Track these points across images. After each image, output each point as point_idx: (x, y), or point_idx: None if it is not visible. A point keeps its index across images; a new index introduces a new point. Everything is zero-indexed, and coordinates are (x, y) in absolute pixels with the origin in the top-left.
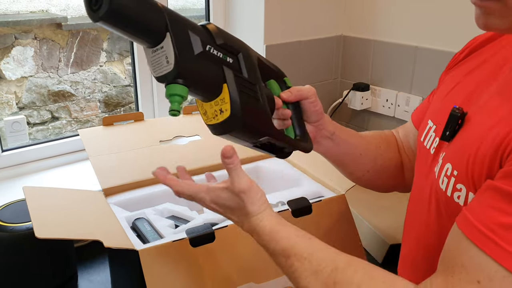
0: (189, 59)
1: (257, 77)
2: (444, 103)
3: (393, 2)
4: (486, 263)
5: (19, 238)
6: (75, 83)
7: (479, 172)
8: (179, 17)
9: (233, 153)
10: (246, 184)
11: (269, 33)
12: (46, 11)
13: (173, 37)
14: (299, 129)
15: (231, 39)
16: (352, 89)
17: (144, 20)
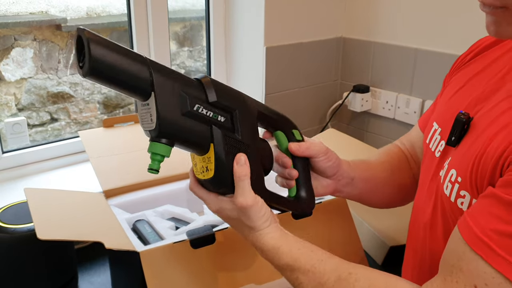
0: (173, 119)
1: (252, 136)
2: (449, 106)
3: (393, 4)
4: (483, 268)
5: (20, 239)
6: (74, 85)
7: (482, 180)
8: (167, 75)
9: (245, 163)
10: (250, 201)
11: (269, 35)
12: (45, 12)
13: (157, 97)
14: (304, 189)
15: (227, 96)
16: (352, 91)
17: (128, 79)
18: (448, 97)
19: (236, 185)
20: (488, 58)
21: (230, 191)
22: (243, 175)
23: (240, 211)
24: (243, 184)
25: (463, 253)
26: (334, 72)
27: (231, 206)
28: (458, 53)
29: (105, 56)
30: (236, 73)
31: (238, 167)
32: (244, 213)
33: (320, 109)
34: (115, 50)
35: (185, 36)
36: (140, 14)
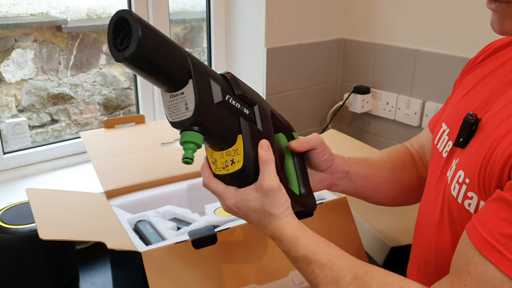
0: (208, 108)
1: (270, 130)
2: (458, 107)
3: (393, 6)
4: (492, 272)
5: (22, 240)
6: (75, 86)
7: (490, 182)
8: (201, 65)
9: (269, 148)
10: (276, 184)
11: (270, 36)
12: (46, 13)
13: (196, 84)
14: (304, 185)
15: (248, 90)
16: (353, 92)
17: (169, 66)
18: (458, 99)
19: (262, 169)
20: (497, 60)
21: (253, 181)
22: (270, 159)
23: (265, 196)
24: (269, 167)
25: (472, 257)
26: (334, 73)
27: (254, 194)
28: (458, 54)
29: (152, 41)
30: (237, 74)
31: (263, 152)
32: (270, 197)
33: (320, 110)
34: (159, 36)
35: (185, 38)
36: (141, 15)
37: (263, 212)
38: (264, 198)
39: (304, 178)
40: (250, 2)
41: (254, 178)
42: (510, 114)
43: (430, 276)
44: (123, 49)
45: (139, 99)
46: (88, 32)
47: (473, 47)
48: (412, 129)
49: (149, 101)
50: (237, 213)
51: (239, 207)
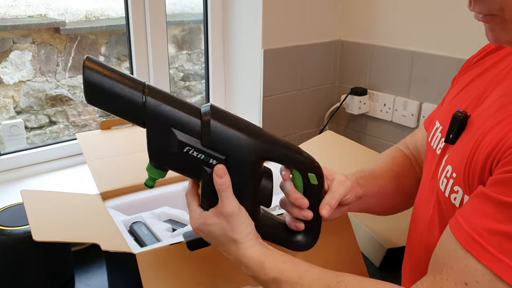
0: (162, 154)
1: (243, 179)
2: (451, 105)
3: (390, 7)
4: (473, 265)
5: (17, 241)
6: (73, 88)
7: (473, 177)
8: (165, 108)
9: (224, 173)
10: (235, 208)
11: (267, 38)
12: (44, 15)
13: (148, 133)
14: (312, 230)
15: (225, 139)
16: (350, 94)
17: (123, 110)
18: (452, 97)
19: (220, 195)
20: (490, 60)
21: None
22: (226, 185)
23: (225, 222)
24: (226, 194)
25: (454, 251)
26: (332, 75)
27: (214, 219)
28: (455, 56)
29: (99, 84)
30: (234, 75)
31: (218, 179)
32: (230, 222)
33: (317, 112)
34: (112, 78)
35: (184, 40)
36: (138, 17)
37: (225, 237)
38: (224, 224)
39: (316, 226)
40: (247, 3)
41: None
42: (497, 109)
43: (423, 273)
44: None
45: None
46: (86, 34)
47: (469, 48)
48: (409, 131)
49: None
50: (201, 235)
51: (201, 229)
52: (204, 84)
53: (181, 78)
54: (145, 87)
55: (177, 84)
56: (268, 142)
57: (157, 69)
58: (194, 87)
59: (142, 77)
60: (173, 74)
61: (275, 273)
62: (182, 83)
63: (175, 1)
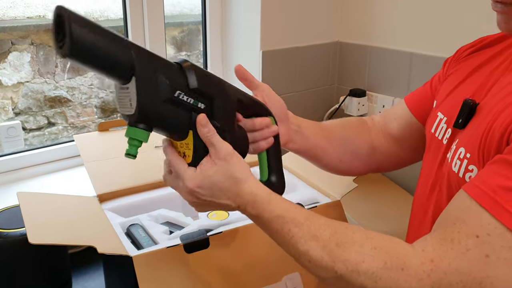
0: (153, 105)
1: (230, 123)
2: (453, 96)
3: (389, 9)
4: (486, 219)
5: (13, 244)
6: (72, 89)
7: (488, 153)
8: (150, 58)
9: (207, 121)
10: (230, 148)
11: (265, 39)
12: (43, 16)
13: (138, 82)
14: (276, 167)
15: (207, 83)
16: (349, 95)
17: (108, 61)
18: (451, 89)
19: (210, 143)
20: (488, 53)
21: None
22: (212, 131)
23: (225, 163)
24: (216, 139)
25: (468, 207)
26: (330, 76)
27: (214, 168)
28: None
29: (86, 37)
30: (233, 77)
31: (203, 128)
32: (230, 163)
33: (316, 113)
34: (96, 31)
35: (183, 41)
36: (136, 18)
37: (229, 180)
38: (225, 166)
39: (277, 166)
40: (245, 5)
41: None
42: (507, 94)
43: None
44: (61, 46)
45: None
46: None
47: None
48: None
49: None
50: (201, 195)
51: (201, 185)
52: None
53: None
54: (126, 40)
55: None
56: (235, 90)
57: None
58: None
59: None
60: None
61: (281, 211)
62: None
63: (174, 2)
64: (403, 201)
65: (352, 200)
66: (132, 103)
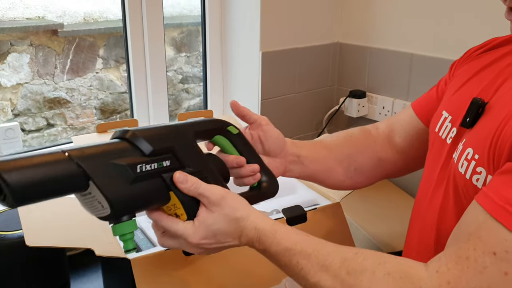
0: (123, 194)
1: (200, 161)
2: (459, 95)
3: (389, 10)
4: (504, 235)
5: (11, 246)
6: (71, 90)
7: (499, 156)
8: (94, 154)
9: (185, 176)
10: (221, 191)
11: (265, 40)
12: (42, 17)
13: (98, 183)
14: (264, 174)
15: (159, 138)
16: (349, 96)
17: (61, 184)
18: (457, 88)
19: (198, 194)
20: (499, 52)
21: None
22: (195, 183)
23: (221, 208)
24: (203, 188)
25: (483, 221)
26: (330, 78)
27: (211, 216)
28: (454, 58)
29: (23, 179)
30: (232, 78)
31: (184, 185)
32: (226, 205)
33: (316, 115)
34: (30, 165)
35: (182, 42)
36: (135, 19)
37: (230, 223)
38: (222, 210)
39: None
40: (245, 6)
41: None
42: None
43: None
44: (4, 199)
45: (133, 103)
46: (85, 36)
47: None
48: None
49: (143, 105)
50: (208, 245)
51: (206, 236)
52: (202, 86)
53: (180, 81)
54: (63, 152)
55: (176, 86)
56: (184, 125)
57: (155, 72)
58: (192, 90)
59: (139, 81)
60: (172, 77)
61: (287, 243)
62: (180, 85)
63: (173, 4)
64: (403, 203)
65: (352, 202)
66: (103, 204)
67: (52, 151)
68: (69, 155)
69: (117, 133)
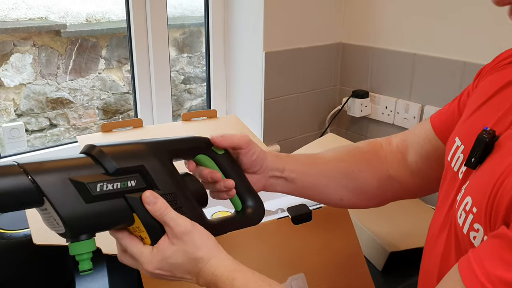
0: (79, 213)
1: (173, 182)
2: (474, 120)
3: (392, 10)
4: None
5: (17, 245)
6: (74, 90)
7: (496, 215)
8: (52, 168)
9: (155, 197)
10: (188, 224)
11: (268, 40)
12: (45, 18)
13: (51, 200)
14: (248, 194)
15: (126, 155)
16: (351, 96)
17: (13, 199)
18: (474, 109)
19: (164, 221)
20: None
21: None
22: (163, 207)
23: (183, 243)
24: (169, 216)
25: None
26: (333, 78)
27: (171, 248)
28: (457, 58)
29: None
30: (235, 78)
31: (151, 207)
32: (188, 242)
33: (319, 115)
34: None
35: (184, 43)
36: (139, 20)
37: (189, 261)
38: (183, 246)
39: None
40: (248, 5)
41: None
42: None
43: None
44: None
45: (138, 103)
46: (87, 37)
47: (472, 50)
48: None
49: (147, 105)
50: (163, 276)
51: (161, 267)
52: (205, 87)
53: (182, 81)
54: (16, 165)
55: (178, 87)
56: (160, 143)
57: (158, 72)
58: (194, 90)
59: (143, 80)
60: (174, 77)
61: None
62: (182, 86)
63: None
64: (408, 203)
65: None
66: (57, 222)
67: (5, 163)
68: (24, 169)
69: (85, 148)
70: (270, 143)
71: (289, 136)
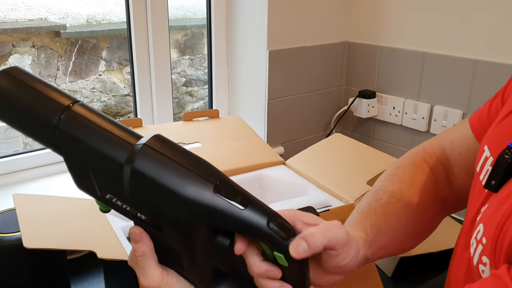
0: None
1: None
2: (502, 129)
3: (399, 6)
4: None
5: (9, 248)
6: (73, 92)
7: (500, 249)
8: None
9: (140, 239)
10: (156, 280)
11: (272, 38)
12: (45, 19)
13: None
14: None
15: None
16: (358, 97)
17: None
18: (504, 114)
19: (135, 265)
20: None
21: None
22: (145, 255)
23: None
24: (143, 263)
25: None
26: (339, 77)
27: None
28: (468, 56)
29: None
30: (238, 77)
31: (133, 244)
32: None
33: (324, 115)
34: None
35: (186, 44)
36: (139, 22)
37: None
38: None
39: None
40: (252, 3)
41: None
42: None
43: None
44: None
45: (137, 103)
46: (87, 38)
47: (484, 48)
48: (419, 135)
49: (147, 105)
50: None
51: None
52: (207, 89)
53: (183, 84)
54: (64, 110)
55: (179, 89)
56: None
57: (159, 74)
58: (196, 93)
59: (144, 80)
60: (175, 79)
61: None
62: (184, 88)
63: (177, 6)
64: None
65: None
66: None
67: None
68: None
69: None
70: (274, 145)
71: (294, 137)
